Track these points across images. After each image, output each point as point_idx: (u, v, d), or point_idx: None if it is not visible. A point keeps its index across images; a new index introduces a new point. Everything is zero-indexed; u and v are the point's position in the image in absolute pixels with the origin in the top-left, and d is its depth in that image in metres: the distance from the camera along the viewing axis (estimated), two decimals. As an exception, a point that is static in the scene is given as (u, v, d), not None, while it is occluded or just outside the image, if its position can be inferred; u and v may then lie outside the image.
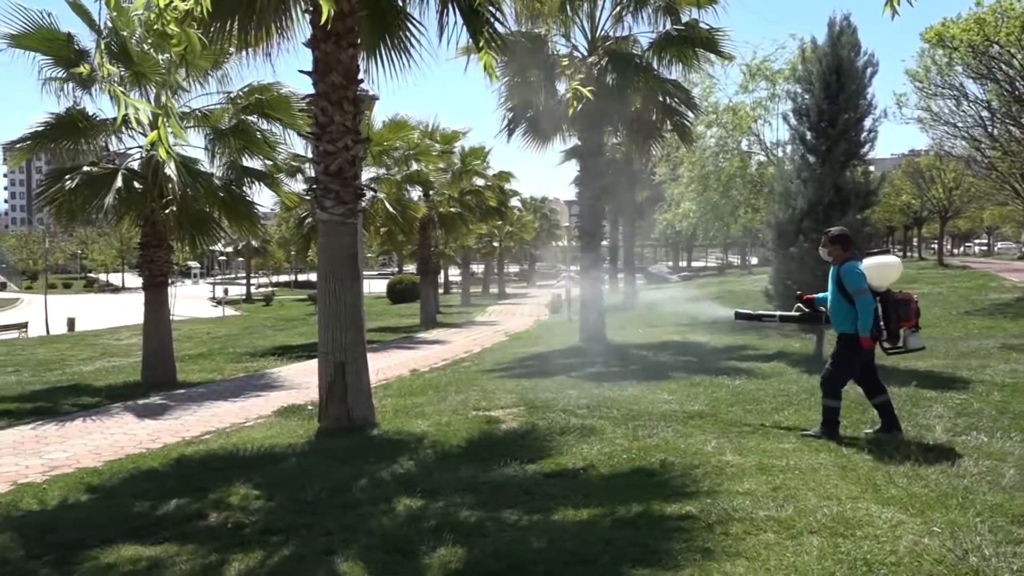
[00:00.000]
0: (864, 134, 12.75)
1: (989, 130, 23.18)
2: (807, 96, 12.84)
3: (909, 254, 72.35)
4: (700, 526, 4.73)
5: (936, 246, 56.61)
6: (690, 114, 17.07)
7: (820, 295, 7.60)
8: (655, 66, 15.77)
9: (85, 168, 12.79)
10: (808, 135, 12.77)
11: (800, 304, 7.83)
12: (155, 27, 3.46)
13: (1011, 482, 5.39)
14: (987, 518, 4.68)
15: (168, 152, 4.03)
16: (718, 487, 5.49)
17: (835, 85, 12.42)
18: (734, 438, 7.04)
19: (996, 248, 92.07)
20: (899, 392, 8.73)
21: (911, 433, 6.90)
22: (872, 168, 14.14)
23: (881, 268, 6.97)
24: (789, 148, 17.72)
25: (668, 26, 15.53)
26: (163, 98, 11.36)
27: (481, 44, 7.88)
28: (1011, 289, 25.54)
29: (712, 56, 15.98)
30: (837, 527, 4.61)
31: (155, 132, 3.60)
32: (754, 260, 70.00)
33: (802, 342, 13.80)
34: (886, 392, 7.14)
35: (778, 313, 8.52)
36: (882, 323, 6.93)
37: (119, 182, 12.45)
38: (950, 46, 21.52)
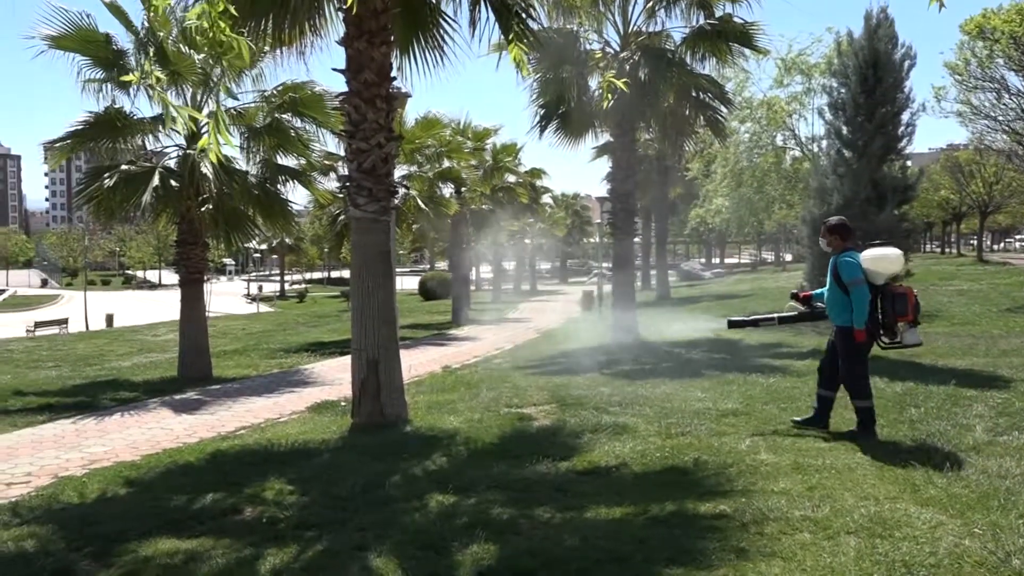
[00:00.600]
0: (901, 128, 12.54)
1: (1031, 123, 22.69)
2: (843, 90, 12.64)
3: (947, 250, 71.16)
4: (735, 525, 4.69)
5: (975, 242, 55.62)
6: (723, 109, 16.94)
7: (818, 291, 7.51)
8: (688, 61, 15.67)
9: (123, 166, 12.99)
10: (844, 130, 12.59)
11: (794, 303, 7.71)
12: (209, 34, 3.50)
13: (1055, 483, 5.27)
14: (1030, 520, 4.58)
15: (219, 157, 4.09)
16: (753, 486, 5.44)
17: (872, 79, 12.22)
18: (768, 436, 6.97)
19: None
20: (938, 391, 8.59)
21: (950, 432, 6.76)
22: (909, 163, 13.90)
23: (881, 260, 6.78)
24: (825, 143, 17.49)
25: (701, 21, 15.43)
26: (214, 104, 11.52)
27: (511, 38, 7.87)
28: (1054, 286, 24.99)
29: (746, 50, 15.84)
30: (875, 528, 4.54)
31: (205, 138, 3.65)
32: (788, 256, 69.31)
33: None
34: (836, 391, 7.12)
35: (776, 315, 8.21)
36: (880, 317, 6.79)
37: (156, 180, 12.63)
38: (991, 38, 21.10)
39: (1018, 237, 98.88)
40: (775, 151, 27.69)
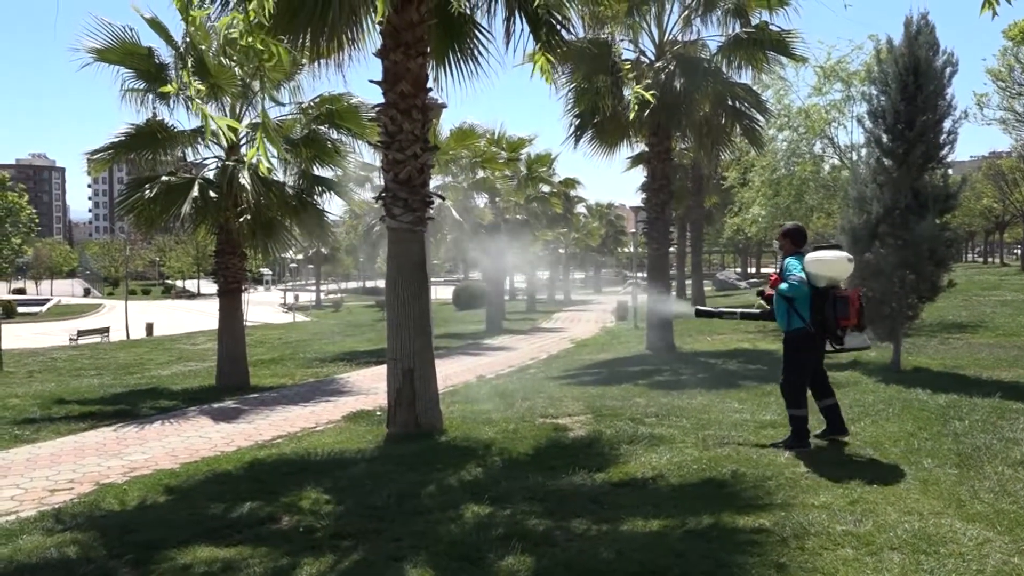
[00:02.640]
0: (943, 136, 12.28)
1: (1078, 130, 22.22)
2: (883, 98, 12.42)
3: (990, 259, 69.79)
4: (774, 540, 4.61)
5: (1019, 251, 54.50)
6: (760, 118, 16.80)
7: None
8: (724, 70, 15.58)
9: (163, 177, 13.18)
10: (884, 138, 12.34)
11: (762, 301, 7.66)
12: (243, 43, 3.54)
13: (1107, 500, 5.12)
14: (1082, 538, 4.45)
15: (268, 166, 4.14)
16: (792, 500, 5.35)
17: (912, 86, 11.99)
18: (808, 449, 6.85)
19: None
20: (983, 403, 8.40)
21: (996, 446, 6.60)
22: (951, 171, 13.62)
23: (824, 263, 6.76)
24: (864, 151, 17.24)
25: (737, 29, 15.35)
26: (258, 115, 11.69)
27: (539, 48, 7.87)
28: (1102, 296, 24.35)
29: (783, 59, 15.72)
30: (919, 544, 4.44)
31: (254, 149, 3.69)
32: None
33: (878, 351, 13.39)
34: (834, 396, 7.10)
35: (739, 310, 8.34)
36: (824, 322, 6.76)
37: (195, 191, 12.80)
38: (1035, 43, 20.70)
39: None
40: (813, 160, 27.32)
